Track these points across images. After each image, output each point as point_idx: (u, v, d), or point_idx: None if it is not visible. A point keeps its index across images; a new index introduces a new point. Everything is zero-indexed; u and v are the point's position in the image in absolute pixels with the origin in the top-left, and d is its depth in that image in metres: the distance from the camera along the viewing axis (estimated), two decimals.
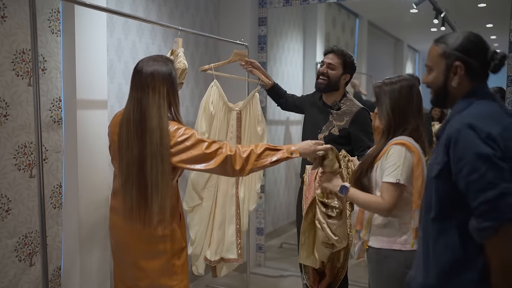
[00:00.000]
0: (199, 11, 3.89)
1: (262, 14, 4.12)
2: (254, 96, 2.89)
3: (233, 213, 2.81)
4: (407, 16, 6.04)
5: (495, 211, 1.33)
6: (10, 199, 2.35)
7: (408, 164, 1.97)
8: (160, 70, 1.96)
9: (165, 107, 1.95)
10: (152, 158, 1.90)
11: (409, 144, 1.99)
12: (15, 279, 2.39)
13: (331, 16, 5.97)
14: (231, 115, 2.82)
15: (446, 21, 5.28)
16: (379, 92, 2.08)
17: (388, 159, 1.99)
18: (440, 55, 1.54)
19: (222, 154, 1.95)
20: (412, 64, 9.35)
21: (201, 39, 3.89)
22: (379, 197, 1.99)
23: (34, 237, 2.48)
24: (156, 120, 1.91)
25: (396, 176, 1.95)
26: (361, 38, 6.73)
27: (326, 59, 2.79)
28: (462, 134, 1.39)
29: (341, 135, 2.70)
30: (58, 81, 2.59)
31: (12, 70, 2.34)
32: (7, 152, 2.34)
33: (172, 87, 1.99)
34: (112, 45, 3.00)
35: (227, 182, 2.81)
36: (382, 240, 2.05)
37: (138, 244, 2.05)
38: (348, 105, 2.76)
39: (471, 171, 1.36)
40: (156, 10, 3.41)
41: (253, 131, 2.87)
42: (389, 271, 2.03)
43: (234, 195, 2.82)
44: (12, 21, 2.32)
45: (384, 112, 2.07)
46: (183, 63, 2.49)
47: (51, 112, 2.56)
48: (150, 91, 1.93)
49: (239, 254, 2.86)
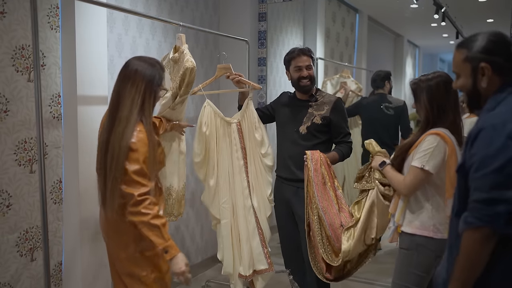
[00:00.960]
0: (198, 6, 3.88)
1: (262, 9, 4.11)
2: (248, 104, 2.89)
3: (254, 224, 2.83)
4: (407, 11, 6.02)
5: (481, 213, 1.39)
6: (10, 194, 2.36)
7: (439, 153, 2.06)
8: (145, 69, 2.03)
9: (138, 102, 1.99)
10: (113, 145, 1.94)
11: (443, 134, 2.08)
12: (17, 274, 2.40)
13: (331, 11, 5.96)
14: (231, 128, 2.83)
15: (446, 16, 5.27)
16: (416, 89, 2.19)
17: (422, 145, 2.10)
18: (464, 60, 1.57)
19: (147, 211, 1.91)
20: (412, 60, 9.32)
21: (201, 34, 3.89)
22: (403, 176, 2.14)
23: (35, 232, 2.49)
24: (126, 111, 1.97)
25: (422, 162, 2.06)
26: (361, 33, 6.72)
27: (301, 62, 2.83)
28: (482, 133, 1.43)
29: (323, 123, 2.79)
30: (57, 77, 2.59)
31: (11, 66, 2.34)
32: (8, 148, 2.34)
33: (150, 88, 2.04)
34: (112, 40, 3.00)
35: (242, 195, 2.82)
36: (415, 226, 2.13)
37: (110, 232, 2.11)
38: (325, 96, 2.88)
39: (478, 168, 1.41)
40: (156, 6, 3.40)
41: (254, 139, 2.88)
42: (419, 259, 2.12)
43: (251, 206, 2.84)
44: (11, 17, 2.32)
45: (422, 107, 2.18)
46: (191, 61, 2.47)
47: (51, 108, 2.56)
48: (129, 84, 2.01)
49: (270, 263, 2.87)
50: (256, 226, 2.83)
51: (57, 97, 2.60)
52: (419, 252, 2.12)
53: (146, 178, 1.95)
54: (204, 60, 3.96)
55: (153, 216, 1.90)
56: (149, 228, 1.90)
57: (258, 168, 2.90)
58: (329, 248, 2.53)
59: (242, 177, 2.83)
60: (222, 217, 2.80)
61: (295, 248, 2.90)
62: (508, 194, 1.36)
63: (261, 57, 4.15)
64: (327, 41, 5.80)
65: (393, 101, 4.44)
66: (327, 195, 2.56)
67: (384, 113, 4.37)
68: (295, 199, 2.82)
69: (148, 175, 1.96)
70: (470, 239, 1.42)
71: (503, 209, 1.36)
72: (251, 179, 2.88)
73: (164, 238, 1.92)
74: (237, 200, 2.82)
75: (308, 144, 2.77)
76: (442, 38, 7.84)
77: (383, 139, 4.31)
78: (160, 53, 3.40)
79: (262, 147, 2.90)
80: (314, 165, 2.59)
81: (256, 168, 2.90)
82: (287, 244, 2.97)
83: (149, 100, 2.05)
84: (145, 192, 1.92)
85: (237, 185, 2.82)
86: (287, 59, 2.88)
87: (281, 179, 2.92)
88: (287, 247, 2.98)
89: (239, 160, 2.83)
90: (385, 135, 4.35)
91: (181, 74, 2.43)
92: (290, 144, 2.84)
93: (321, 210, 2.52)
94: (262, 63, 4.15)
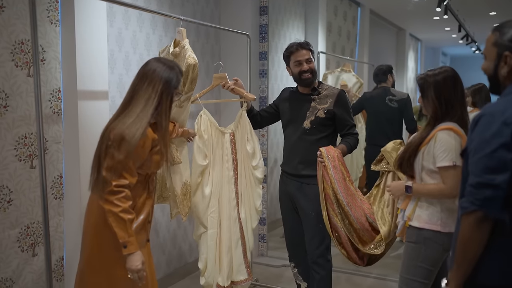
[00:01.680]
0: (199, 0, 3.86)
1: (263, 3, 4.09)
2: (242, 115, 2.87)
3: (238, 235, 2.81)
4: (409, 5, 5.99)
5: (474, 197, 1.42)
6: (11, 190, 2.36)
7: (459, 146, 2.07)
8: (163, 71, 2.05)
9: (154, 102, 2.01)
10: (113, 130, 1.94)
11: (456, 129, 2.09)
12: (18, 269, 2.40)
13: (333, 5, 5.93)
14: (225, 138, 2.81)
15: (449, 9, 5.24)
16: (424, 84, 2.18)
17: (438, 145, 2.08)
18: (493, 44, 1.56)
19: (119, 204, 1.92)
20: (415, 53, 9.30)
21: (202, 28, 3.87)
22: (441, 183, 2.09)
23: (36, 227, 2.49)
24: (139, 108, 1.98)
25: (452, 159, 2.05)
26: (363, 27, 6.69)
27: (301, 56, 2.80)
28: (482, 119, 1.45)
29: (327, 117, 2.77)
30: (57, 72, 2.58)
31: (11, 61, 2.32)
32: (8, 143, 2.33)
33: (167, 90, 2.05)
34: (112, 35, 2.98)
35: (229, 205, 2.80)
36: (423, 220, 2.14)
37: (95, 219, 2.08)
38: (327, 89, 2.86)
39: (474, 153, 1.44)
40: (156, 0, 3.38)
41: (244, 150, 2.86)
42: (426, 252, 2.12)
43: (237, 217, 2.82)
44: (10, 11, 2.31)
45: (430, 102, 2.17)
46: (193, 57, 2.46)
47: (51, 103, 2.55)
48: (146, 83, 2.02)
49: (249, 273, 2.86)
50: (240, 237, 2.81)
51: (57, 92, 2.59)
52: (426, 245, 2.12)
53: (130, 172, 1.96)
54: (205, 55, 3.94)
55: (123, 209, 1.92)
56: (116, 219, 1.92)
57: (249, 180, 2.88)
58: (357, 239, 2.55)
59: (231, 188, 2.81)
60: (210, 226, 2.75)
61: (299, 241, 2.90)
62: (498, 178, 1.38)
63: (262, 51, 4.12)
64: (329, 35, 5.78)
65: (397, 94, 4.44)
66: (349, 190, 2.56)
67: (388, 106, 4.37)
68: (298, 193, 2.82)
69: (132, 170, 1.97)
70: (464, 223, 1.45)
71: (490, 193, 1.38)
72: (240, 190, 2.85)
73: (128, 233, 1.93)
74: (223, 210, 2.79)
75: (312, 138, 2.76)
76: (444, 32, 7.81)
77: (387, 132, 4.33)
78: (161, 48, 3.38)
79: (253, 159, 2.88)
80: (332, 162, 2.57)
81: (247, 179, 2.88)
82: (291, 237, 2.98)
83: (166, 102, 2.06)
84: (123, 184, 1.93)
85: (224, 195, 2.79)
86: (286, 54, 2.86)
87: (286, 174, 2.92)
88: (291, 240, 2.99)
89: (229, 170, 2.81)
90: (389, 128, 4.37)
91: (184, 71, 2.42)
92: (295, 139, 2.83)
93: (347, 206, 2.51)
94: (264, 57, 4.13)
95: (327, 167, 2.57)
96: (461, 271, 1.49)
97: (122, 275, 2.00)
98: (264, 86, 4.13)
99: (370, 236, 2.51)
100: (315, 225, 2.74)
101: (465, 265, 1.48)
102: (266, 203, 4.23)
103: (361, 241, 2.54)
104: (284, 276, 3.82)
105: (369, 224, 2.51)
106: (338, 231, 2.55)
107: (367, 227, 2.50)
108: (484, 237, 1.43)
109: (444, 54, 11.94)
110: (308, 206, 2.76)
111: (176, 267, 3.69)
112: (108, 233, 1.97)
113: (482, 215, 1.41)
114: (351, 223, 2.52)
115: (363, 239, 2.54)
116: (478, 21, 6.94)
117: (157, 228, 3.47)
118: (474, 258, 1.46)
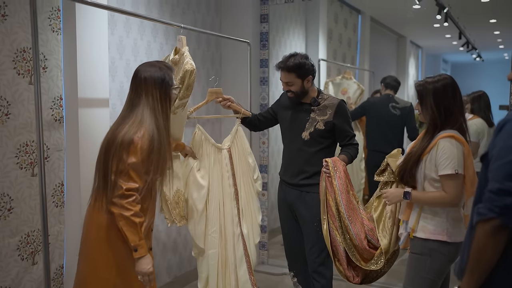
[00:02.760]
0: (200, 8, 3.88)
1: (264, 11, 4.10)
2: (237, 130, 2.86)
3: (241, 252, 2.77)
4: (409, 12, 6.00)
5: (493, 204, 1.35)
6: (12, 198, 2.35)
7: (461, 154, 2.05)
8: (153, 75, 2.07)
9: (159, 109, 2.05)
10: (117, 138, 1.96)
11: (457, 136, 2.08)
12: (18, 278, 2.39)
13: (333, 12, 5.94)
14: (222, 154, 2.78)
15: (449, 16, 5.24)
16: (423, 91, 2.16)
17: (440, 153, 2.06)
18: None
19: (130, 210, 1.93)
20: (415, 61, 9.31)
21: (203, 36, 3.88)
22: (442, 191, 2.07)
23: (37, 235, 2.48)
24: (144, 113, 2.02)
25: (454, 167, 2.03)
26: (364, 34, 6.70)
27: (281, 77, 2.78)
28: (507, 124, 1.41)
29: (327, 129, 2.74)
30: (59, 79, 2.58)
31: (13, 69, 2.33)
32: (9, 151, 2.33)
33: (164, 92, 2.08)
34: (113, 43, 2.99)
35: (232, 223, 2.76)
36: (428, 231, 2.11)
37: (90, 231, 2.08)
38: (327, 100, 2.80)
39: (497, 159, 1.38)
40: (158, 8, 3.39)
41: (245, 165, 2.84)
42: (432, 264, 2.09)
43: (240, 233, 2.78)
44: (12, 19, 2.32)
45: (428, 109, 2.15)
46: (191, 63, 2.45)
47: (52, 110, 2.55)
48: (143, 94, 2.05)
49: None
50: (244, 254, 2.78)
51: (59, 100, 2.59)
52: (432, 257, 2.09)
53: (139, 175, 1.97)
54: (205, 62, 3.95)
55: (134, 213, 1.94)
56: (127, 223, 1.93)
57: (249, 194, 2.86)
58: (358, 256, 2.50)
59: (233, 205, 2.77)
60: (210, 247, 2.70)
61: (298, 250, 2.89)
62: None
63: (263, 58, 4.13)
64: (330, 42, 5.79)
65: (400, 102, 4.46)
66: (352, 204, 2.51)
67: (391, 112, 4.39)
68: (298, 202, 2.80)
69: (142, 174, 1.98)
70: (480, 231, 1.38)
71: (511, 201, 1.31)
72: (241, 205, 2.82)
73: (139, 236, 1.95)
74: (227, 228, 2.75)
75: (311, 150, 2.74)
76: (445, 39, 7.82)
77: (389, 138, 4.35)
78: (162, 56, 3.39)
79: (255, 172, 2.88)
80: (338, 173, 2.55)
81: (247, 194, 2.85)
82: (291, 246, 2.96)
83: (165, 104, 2.09)
84: (133, 188, 1.94)
85: (227, 213, 2.75)
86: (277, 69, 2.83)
87: (284, 183, 2.90)
88: (290, 249, 2.97)
89: (231, 187, 2.77)
90: (390, 134, 4.38)
91: (180, 76, 2.41)
92: (293, 150, 2.81)
93: (347, 220, 2.46)
94: (264, 64, 4.13)
95: (332, 177, 2.54)
96: (473, 280, 1.42)
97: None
98: (264, 93, 4.13)
99: (369, 253, 2.47)
100: (316, 233, 2.72)
101: (479, 274, 1.41)
102: (267, 210, 4.22)
103: (362, 258, 2.50)
104: (284, 284, 3.80)
105: (367, 242, 2.46)
106: (337, 246, 2.51)
107: (365, 246, 2.46)
108: (500, 246, 1.36)
109: (445, 61, 11.96)
110: (308, 214, 2.75)
111: (176, 275, 3.68)
112: (110, 251, 1.98)
113: (500, 223, 1.34)
114: (351, 238, 2.47)
115: (364, 256, 2.50)
116: (479, 29, 6.95)
117: (158, 235, 3.46)
118: (489, 266, 1.39)
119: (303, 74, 2.71)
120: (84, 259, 2.08)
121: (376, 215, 2.46)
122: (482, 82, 11.06)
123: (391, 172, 2.38)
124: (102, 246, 2.01)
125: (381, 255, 2.41)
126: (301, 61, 2.70)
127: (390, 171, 2.39)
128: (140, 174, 1.97)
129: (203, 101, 2.91)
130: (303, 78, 2.72)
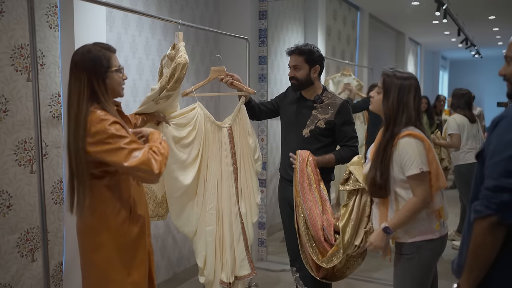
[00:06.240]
0: (199, 4, 3.87)
1: (262, 7, 4.09)
2: (240, 109, 2.85)
3: (239, 230, 2.79)
4: (408, 9, 6.00)
5: (489, 201, 1.36)
6: (11, 195, 2.35)
7: (423, 150, 2.03)
8: (83, 57, 1.87)
9: (85, 94, 1.84)
10: (70, 145, 1.84)
11: (415, 133, 2.05)
12: (17, 275, 2.39)
13: (332, 9, 5.94)
14: (222, 133, 2.77)
15: (448, 13, 5.24)
16: (390, 83, 2.13)
17: (402, 153, 2.04)
18: None
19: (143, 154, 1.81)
20: (414, 57, 9.31)
21: (201, 33, 3.87)
22: (411, 199, 2.04)
23: (36, 232, 2.48)
24: (75, 107, 1.84)
25: (418, 166, 2.01)
26: (363, 31, 6.70)
27: (290, 61, 2.78)
28: (502, 121, 1.41)
29: (327, 128, 2.74)
30: (57, 76, 2.58)
31: (11, 66, 2.32)
32: (8, 148, 2.33)
33: (96, 75, 1.87)
34: (111, 39, 2.98)
35: (229, 201, 2.77)
36: (414, 234, 2.08)
37: (80, 235, 1.99)
38: (330, 98, 2.79)
39: (492, 155, 1.38)
40: (156, 4, 3.39)
41: (245, 144, 2.84)
42: (420, 260, 2.08)
43: (238, 212, 2.80)
44: (10, 16, 2.31)
45: (389, 103, 2.12)
46: (184, 57, 2.44)
47: (51, 107, 2.55)
48: (73, 78, 1.87)
49: (252, 268, 2.85)
50: (242, 232, 2.80)
51: (57, 97, 2.59)
52: (420, 254, 2.08)
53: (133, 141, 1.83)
54: (204, 59, 3.94)
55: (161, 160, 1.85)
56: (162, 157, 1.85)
57: (249, 174, 2.86)
58: (316, 249, 2.55)
59: (231, 183, 2.77)
60: (208, 223, 2.73)
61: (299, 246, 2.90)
62: None
63: (261, 55, 4.13)
64: (328, 39, 5.78)
65: None
66: (312, 196, 2.56)
67: None
68: None
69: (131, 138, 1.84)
70: (478, 228, 1.39)
71: (507, 198, 1.32)
72: (240, 184, 2.83)
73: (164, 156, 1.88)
74: (224, 206, 2.76)
75: (310, 147, 2.74)
76: (443, 36, 7.82)
77: None
78: (160, 52, 3.39)
79: (255, 152, 2.88)
80: (301, 165, 2.60)
81: (247, 174, 2.86)
82: (292, 242, 2.97)
83: (100, 88, 1.88)
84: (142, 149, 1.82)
85: (225, 191, 2.76)
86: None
87: (284, 180, 2.91)
88: (292, 245, 2.97)
89: (229, 166, 2.77)
90: None
91: (172, 68, 2.38)
92: (293, 147, 2.81)
93: (305, 211, 2.53)
94: (263, 61, 4.13)
95: (295, 169, 2.61)
96: (472, 277, 1.43)
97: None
98: (263, 90, 4.13)
99: (324, 248, 2.48)
100: None
101: (478, 270, 1.42)
102: (265, 207, 4.22)
103: (319, 251, 2.53)
104: (283, 280, 3.80)
105: (322, 234, 2.49)
106: (302, 235, 2.58)
107: (320, 237, 2.48)
108: (497, 243, 1.37)
109: (444, 57, 11.96)
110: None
111: (175, 271, 3.68)
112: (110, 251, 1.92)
113: (497, 220, 1.34)
114: (309, 228, 2.53)
115: (320, 250, 2.52)
116: (478, 25, 6.95)
117: (157, 232, 3.47)
118: (487, 263, 1.40)
119: (312, 60, 2.75)
120: (87, 268, 1.99)
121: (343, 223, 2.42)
122: (481, 78, 11.07)
123: (355, 180, 2.37)
124: (102, 250, 1.93)
125: (336, 253, 2.43)
126: (313, 48, 2.77)
127: (354, 179, 2.38)
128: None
129: (205, 79, 2.90)
130: (312, 64, 2.75)
